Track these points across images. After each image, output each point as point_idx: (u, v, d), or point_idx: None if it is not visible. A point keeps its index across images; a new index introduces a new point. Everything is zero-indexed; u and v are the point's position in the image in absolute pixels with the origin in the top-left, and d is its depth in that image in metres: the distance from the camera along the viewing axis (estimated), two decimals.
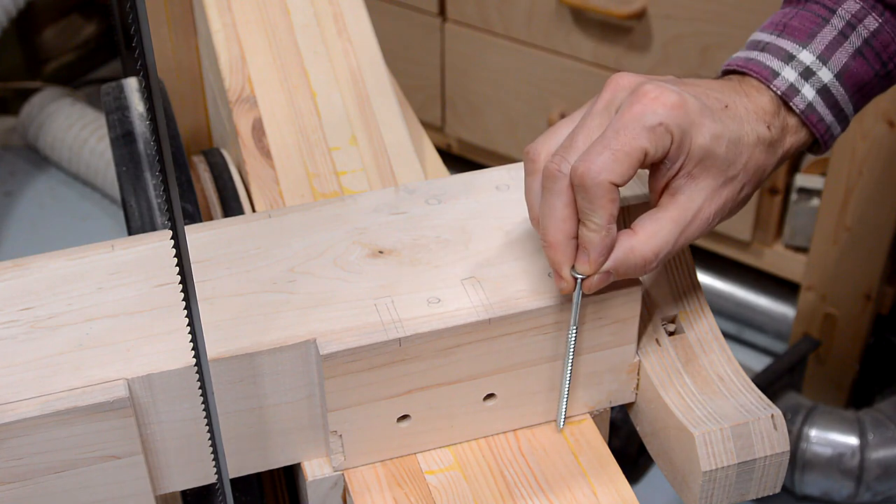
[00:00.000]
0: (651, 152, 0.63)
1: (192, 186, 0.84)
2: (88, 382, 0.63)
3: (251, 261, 0.71)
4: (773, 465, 0.69)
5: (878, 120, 1.57)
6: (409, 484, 0.69)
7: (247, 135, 0.87)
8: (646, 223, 0.66)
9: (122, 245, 0.72)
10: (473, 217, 0.74)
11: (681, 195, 0.66)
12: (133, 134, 0.86)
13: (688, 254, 0.76)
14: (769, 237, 1.85)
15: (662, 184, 0.66)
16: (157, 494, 0.68)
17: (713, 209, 0.67)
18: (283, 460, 0.70)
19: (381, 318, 0.67)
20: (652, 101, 0.64)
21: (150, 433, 0.65)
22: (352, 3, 0.96)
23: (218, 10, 0.94)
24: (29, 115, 2.34)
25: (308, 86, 0.90)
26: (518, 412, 0.72)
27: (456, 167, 2.04)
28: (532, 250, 0.71)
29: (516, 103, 2.01)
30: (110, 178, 2.21)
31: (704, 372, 0.72)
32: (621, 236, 0.65)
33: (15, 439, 0.62)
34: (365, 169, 0.85)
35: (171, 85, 1.09)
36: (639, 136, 0.63)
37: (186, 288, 0.57)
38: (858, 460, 1.66)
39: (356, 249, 0.72)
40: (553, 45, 1.90)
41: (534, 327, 0.68)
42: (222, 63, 0.91)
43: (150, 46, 0.49)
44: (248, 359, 0.65)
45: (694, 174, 0.66)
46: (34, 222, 2.26)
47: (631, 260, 0.65)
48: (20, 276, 0.70)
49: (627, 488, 0.69)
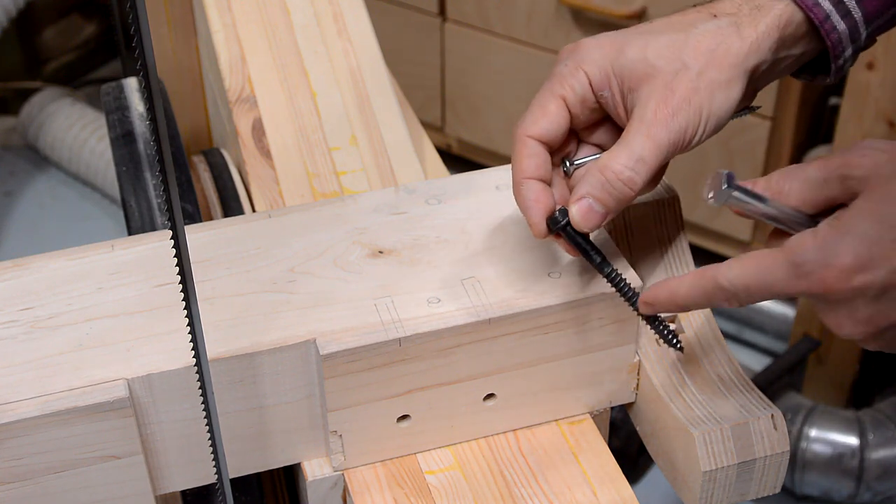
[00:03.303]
0: (566, 94, 0.67)
1: (192, 186, 0.84)
2: (88, 382, 0.63)
3: (251, 261, 0.71)
4: (773, 465, 0.69)
5: (878, 120, 1.57)
6: (409, 484, 0.69)
7: (247, 135, 0.87)
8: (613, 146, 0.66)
9: (122, 245, 0.72)
10: (473, 217, 0.74)
11: (634, 109, 0.66)
12: (133, 134, 0.86)
13: (688, 254, 0.76)
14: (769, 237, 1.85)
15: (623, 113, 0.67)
16: (157, 494, 0.68)
17: (672, 105, 0.65)
18: (283, 460, 0.70)
19: (380, 318, 0.67)
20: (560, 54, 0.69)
21: (150, 433, 0.65)
22: (352, 3, 0.96)
23: (218, 10, 0.94)
24: (29, 115, 2.34)
25: (308, 86, 0.90)
26: (518, 412, 0.72)
27: (456, 167, 2.04)
28: (532, 250, 0.71)
29: (516, 103, 2.01)
30: (110, 178, 2.21)
31: (704, 372, 0.72)
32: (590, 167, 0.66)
33: (15, 439, 0.62)
34: (365, 169, 0.85)
35: (171, 85, 1.09)
36: (549, 88, 0.67)
37: (186, 288, 0.57)
38: (858, 460, 1.66)
39: (356, 249, 0.72)
40: (553, 45, 1.90)
41: (534, 327, 0.68)
42: (222, 63, 0.91)
43: (150, 46, 0.49)
44: (247, 359, 0.65)
45: (633, 87, 0.66)
46: (34, 222, 2.26)
47: (607, 177, 0.65)
48: (20, 276, 0.70)
49: (627, 488, 0.69)
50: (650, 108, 0.65)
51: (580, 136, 0.70)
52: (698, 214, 1.87)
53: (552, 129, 0.67)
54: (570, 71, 0.68)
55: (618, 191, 0.65)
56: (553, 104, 0.67)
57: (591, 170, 0.65)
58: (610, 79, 0.67)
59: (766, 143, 1.78)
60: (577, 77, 0.67)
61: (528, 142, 0.67)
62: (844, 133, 1.61)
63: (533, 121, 0.67)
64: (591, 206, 0.65)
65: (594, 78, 0.67)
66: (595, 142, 0.70)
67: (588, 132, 0.70)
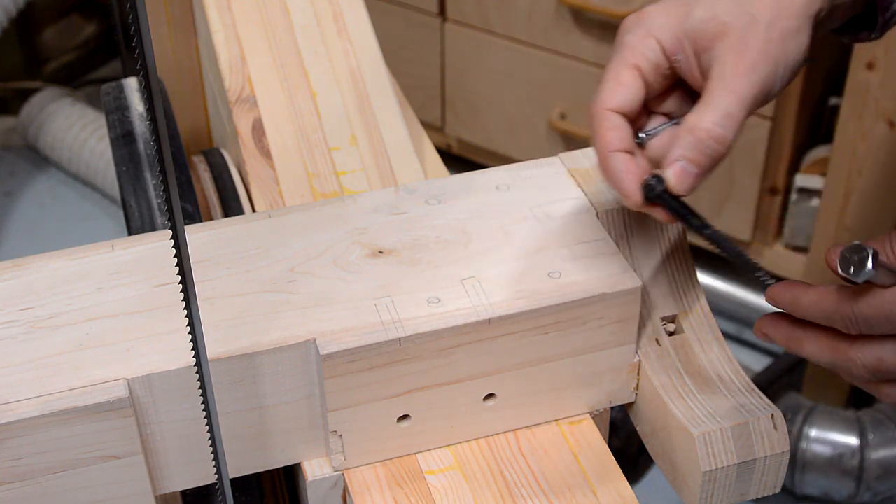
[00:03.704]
0: (640, 62, 0.67)
1: (192, 186, 0.84)
2: (88, 382, 0.63)
3: (251, 261, 0.71)
4: (773, 465, 0.69)
5: (878, 120, 1.57)
6: (409, 484, 0.69)
7: (247, 135, 0.87)
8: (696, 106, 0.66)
9: (122, 245, 0.72)
10: (473, 217, 0.74)
11: (712, 68, 0.66)
12: (133, 134, 0.86)
13: (688, 254, 0.76)
14: (769, 237, 1.85)
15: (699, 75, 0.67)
16: (157, 494, 0.68)
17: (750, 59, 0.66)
18: (283, 460, 0.70)
19: (380, 318, 0.67)
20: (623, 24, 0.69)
21: (150, 433, 0.65)
22: (352, 3, 0.96)
23: (218, 10, 0.94)
24: (29, 115, 2.34)
25: (308, 86, 0.90)
26: (518, 412, 0.72)
27: (456, 167, 2.04)
28: (532, 250, 0.71)
29: (516, 103, 2.01)
30: (110, 178, 2.21)
31: (704, 372, 0.72)
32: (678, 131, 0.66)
33: (15, 439, 0.62)
34: (365, 169, 0.85)
35: (171, 85, 1.09)
36: (621, 59, 0.67)
37: (186, 288, 0.57)
38: (858, 460, 1.66)
39: (356, 249, 0.72)
40: (553, 45, 1.90)
41: (534, 327, 0.68)
42: (222, 63, 0.91)
43: (150, 46, 0.49)
44: (247, 359, 0.65)
45: (707, 47, 0.66)
46: (34, 222, 2.26)
47: (698, 137, 0.65)
48: (20, 276, 0.70)
49: (627, 488, 0.69)
50: (729, 65, 0.65)
51: (649, 106, 0.70)
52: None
53: (630, 99, 0.67)
54: (640, 39, 0.67)
55: (710, 149, 0.65)
56: (627, 74, 0.67)
57: (681, 133, 0.65)
58: (682, 42, 0.67)
59: (767, 142, 1.78)
60: (648, 44, 0.67)
61: (608, 114, 0.67)
62: (844, 133, 1.62)
63: (610, 93, 0.67)
64: (684, 167, 0.65)
65: (666, 43, 0.67)
66: (665, 111, 0.70)
67: (657, 101, 0.70)
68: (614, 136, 0.66)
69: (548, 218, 0.74)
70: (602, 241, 0.72)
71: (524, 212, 0.74)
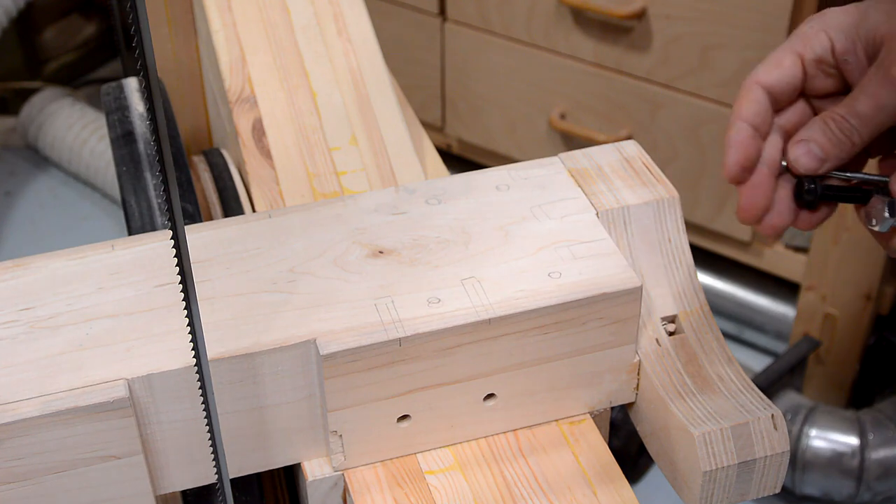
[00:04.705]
0: (804, 51, 0.67)
1: (192, 186, 0.84)
2: (88, 382, 0.63)
3: (251, 261, 0.71)
4: (773, 465, 0.69)
5: None
6: (409, 484, 0.69)
7: (247, 135, 0.87)
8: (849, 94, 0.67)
9: (122, 245, 0.72)
10: (473, 217, 0.74)
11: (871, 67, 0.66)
12: (133, 134, 0.86)
13: (688, 254, 0.76)
14: (769, 237, 1.85)
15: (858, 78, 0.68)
16: (157, 494, 0.68)
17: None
18: (283, 460, 0.70)
19: (381, 318, 0.67)
20: (807, 20, 0.70)
21: (150, 433, 0.65)
22: (352, 3, 0.96)
23: (218, 10, 0.94)
24: (29, 115, 2.34)
25: (308, 86, 0.90)
26: (518, 412, 0.72)
27: (456, 167, 2.04)
28: (532, 250, 0.71)
29: (516, 103, 2.01)
30: (110, 178, 2.21)
31: (704, 372, 0.72)
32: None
33: (15, 439, 0.62)
34: (365, 169, 0.85)
35: (171, 85, 1.09)
36: (788, 44, 0.68)
37: (186, 288, 0.57)
38: (858, 460, 1.66)
39: (356, 249, 0.72)
40: (553, 45, 1.90)
41: (534, 327, 0.68)
42: (222, 63, 0.91)
43: (150, 46, 0.49)
44: (247, 359, 0.65)
45: (878, 51, 0.66)
46: (34, 222, 2.26)
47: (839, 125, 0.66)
48: (20, 276, 0.70)
49: (627, 488, 0.69)
50: (884, 66, 0.65)
51: (814, 107, 0.70)
52: (698, 214, 1.87)
53: (782, 80, 0.68)
54: (814, 32, 0.68)
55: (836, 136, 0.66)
56: (788, 59, 0.68)
57: (817, 118, 0.67)
58: (856, 44, 0.67)
59: None
60: (819, 38, 0.68)
61: (755, 87, 0.68)
62: None
63: (765, 70, 0.68)
64: (810, 149, 0.67)
65: (838, 43, 0.67)
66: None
67: (822, 102, 0.70)
68: (749, 107, 0.68)
69: (548, 218, 0.74)
70: (602, 241, 0.72)
71: (524, 212, 0.74)
